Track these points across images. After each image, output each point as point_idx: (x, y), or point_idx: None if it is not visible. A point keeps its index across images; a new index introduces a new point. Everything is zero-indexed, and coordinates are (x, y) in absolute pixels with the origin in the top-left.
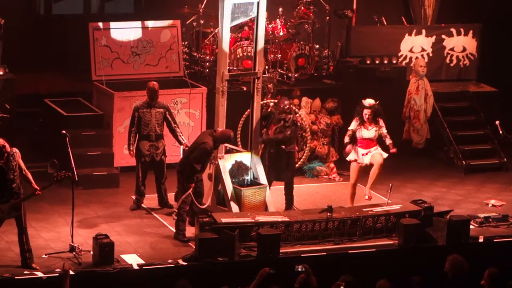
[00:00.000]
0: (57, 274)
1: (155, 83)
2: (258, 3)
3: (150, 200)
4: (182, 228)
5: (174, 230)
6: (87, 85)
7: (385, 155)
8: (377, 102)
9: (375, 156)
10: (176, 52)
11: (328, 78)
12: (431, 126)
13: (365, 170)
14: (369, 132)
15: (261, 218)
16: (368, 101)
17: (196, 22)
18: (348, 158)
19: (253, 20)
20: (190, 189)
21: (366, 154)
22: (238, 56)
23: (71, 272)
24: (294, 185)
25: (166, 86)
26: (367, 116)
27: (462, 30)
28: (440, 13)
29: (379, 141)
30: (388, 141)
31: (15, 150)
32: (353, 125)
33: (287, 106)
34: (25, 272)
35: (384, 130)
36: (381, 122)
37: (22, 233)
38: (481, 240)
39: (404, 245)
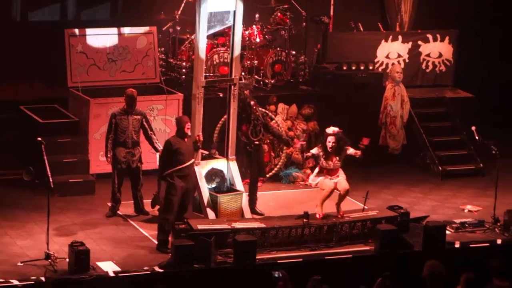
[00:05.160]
0: (33, 282)
1: (133, 90)
2: (234, 11)
3: (126, 207)
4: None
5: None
6: (63, 92)
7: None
8: (341, 130)
9: (341, 182)
10: (153, 59)
11: (304, 84)
12: (407, 132)
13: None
14: (333, 164)
15: (238, 225)
16: (332, 129)
17: (173, 29)
18: (314, 182)
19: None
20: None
21: (331, 179)
22: (215, 62)
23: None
24: (269, 191)
25: (143, 92)
26: (330, 144)
27: (438, 36)
28: (417, 19)
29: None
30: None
31: None
32: (315, 150)
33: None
34: (0, 280)
35: (351, 150)
36: (347, 151)
37: None
38: (457, 245)
39: (381, 251)
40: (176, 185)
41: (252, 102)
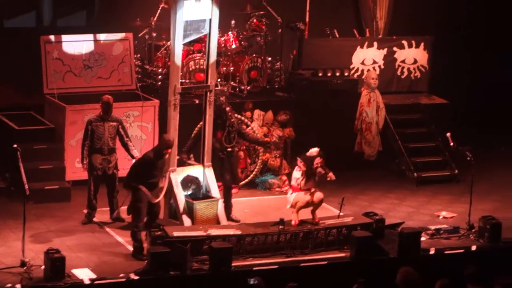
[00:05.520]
0: None
1: (109, 97)
2: (210, 19)
3: (102, 214)
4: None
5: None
6: (39, 99)
7: None
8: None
9: (316, 194)
10: (129, 65)
11: (280, 90)
12: (382, 138)
13: None
14: (314, 183)
15: (213, 232)
16: (314, 150)
17: (148, 35)
18: (290, 204)
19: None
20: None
21: (306, 194)
22: (191, 69)
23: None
24: (245, 198)
25: (119, 99)
26: (319, 165)
27: (413, 42)
28: (392, 26)
29: None
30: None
31: None
32: (299, 174)
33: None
34: None
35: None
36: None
37: None
38: (432, 252)
39: (356, 258)
40: (141, 191)
41: (227, 109)
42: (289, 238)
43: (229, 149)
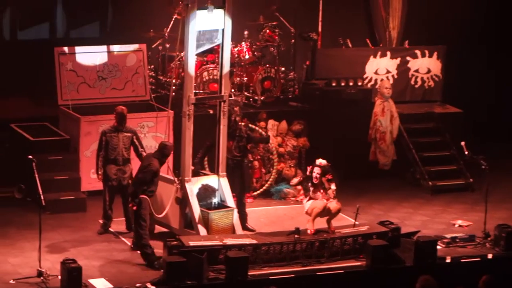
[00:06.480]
0: None
1: (123, 107)
2: (223, 29)
3: (118, 224)
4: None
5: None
6: (54, 110)
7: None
8: (329, 164)
9: (332, 203)
10: (142, 76)
11: (294, 100)
12: (397, 148)
13: None
14: (322, 196)
15: (229, 241)
16: (320, 161)
17: (162, 46)
18: (306, 209)
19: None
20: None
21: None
22: (204, 79)
23: None
24: (260, 207)
25: (133, 110)
26: (315, 175)
27: (426, 52)
28: (405, 35)
29: None
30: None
31: None
32: (296, 181)
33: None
34: None
35: (332, 188)
36: (332, 185)
37: None
38: (448, 260)
39: (372, 266)
40: (145, 199)
41: (237, 118)
42: (304, 247)
43: (239, 158)
